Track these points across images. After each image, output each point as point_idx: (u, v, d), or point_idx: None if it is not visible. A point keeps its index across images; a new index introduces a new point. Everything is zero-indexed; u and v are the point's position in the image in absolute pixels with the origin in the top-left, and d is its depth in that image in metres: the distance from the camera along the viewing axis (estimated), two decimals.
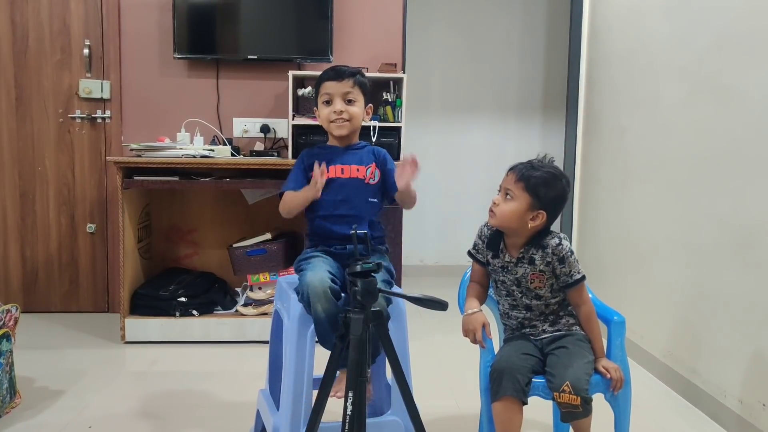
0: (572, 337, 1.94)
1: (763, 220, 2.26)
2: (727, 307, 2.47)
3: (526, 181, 1.90)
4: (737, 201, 2.42)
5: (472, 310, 1.96)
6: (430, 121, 5.04)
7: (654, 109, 3.07)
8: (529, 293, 1.96)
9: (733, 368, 2.44)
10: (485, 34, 5.03)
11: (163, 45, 3.73)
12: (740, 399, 2.38)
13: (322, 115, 2.09)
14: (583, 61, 3.99)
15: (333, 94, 2.05)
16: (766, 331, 2.25)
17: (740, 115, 2.41)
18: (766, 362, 2.25)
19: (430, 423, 1.99)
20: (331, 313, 1.84)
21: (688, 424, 2.52)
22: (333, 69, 2.09)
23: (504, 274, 1.99)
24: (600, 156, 3.73)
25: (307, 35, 3.69)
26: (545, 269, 1.92)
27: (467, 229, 5.17)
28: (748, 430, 2.31)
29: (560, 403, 1.77)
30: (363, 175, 2.07)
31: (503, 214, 1.92)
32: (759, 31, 2.32)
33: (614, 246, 3.46)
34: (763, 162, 2.27)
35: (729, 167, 2.47)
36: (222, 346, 3.30)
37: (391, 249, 2.28)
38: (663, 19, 3.01)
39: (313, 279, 1.86)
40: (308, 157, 2.11)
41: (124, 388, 2.78)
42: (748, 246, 2.35)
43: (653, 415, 2.55)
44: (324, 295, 1.83)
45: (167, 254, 3.78)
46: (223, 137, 3.71)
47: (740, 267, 2.39)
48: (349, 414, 1.49)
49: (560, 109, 4.91)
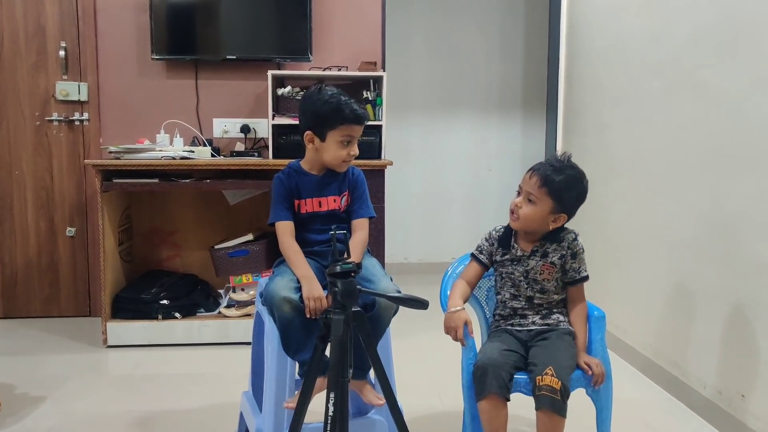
0: (558, 331, 1.97)
1: (742, 214, 2.29)
2: (707, 301, 2.50)
3: (549, 186, 1.91)
4: (716, 196, 2.44)
5: (456, 308, 1.97)
6: (411, 119, 5.04)
7: (633, 105, 3.10)
8: (536, 285, 1.99)
9: (712, 360, 2.47)
10: (465, 32, 5.05)
11: (140, 46, 3.70)
12: (719, 390, 2.41)
13: (335, 153, 1.99)
14: (562, 58, 4.01)
15: (354, 137, 2.01)
16: (744, 324, 2.28)
17: (717, 110, 2.44)
18: (743, 354, 2.28)
19: (413, 421, 1.99)
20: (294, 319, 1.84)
21: (669, 416, 2.55)
22: (355, 113, 1.98)
23: (513, 266, 2.01)
24: (580, 152, 3.75)
25: (287, 35, 3.68)
26: (557, 262, 1.98)
27: (450, 226, 5.22)
28: (727, 420, 2.35)
29: (540, 386, 1.77)
30: (339, 205, 2.07)
31: (526, 217, 1.95)
32: (734, 27, 2.34)
33: (595, 241, 3.49)
34: (741, 156, 2.30)
35: (708, 162, 2.50)
36: (205, 348, 3.28)
37: (374, 247, 2.28)
38: (640, 16, 3.03)
39: (276, 286, 1.87)
40: (287, 180, 2.05)
41: (107, 392, 2.76)
42: (726, 240, 2.37)
43: (635, 408, 2.58)
44: (285, 301, 1.83)
45: (149, 257, 3.75)
46: (203, 138, 3.69)
47: (719, 261, 2.42)
48: (331, 414, 1.49)
49: (540, 105, 4.95)
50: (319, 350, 1.59)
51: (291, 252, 1.99)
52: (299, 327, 1.86)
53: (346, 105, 1.96)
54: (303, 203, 2.04)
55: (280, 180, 2.06)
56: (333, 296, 1.52)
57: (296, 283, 1.90)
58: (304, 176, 2.06)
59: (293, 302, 1.85)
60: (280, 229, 2.03)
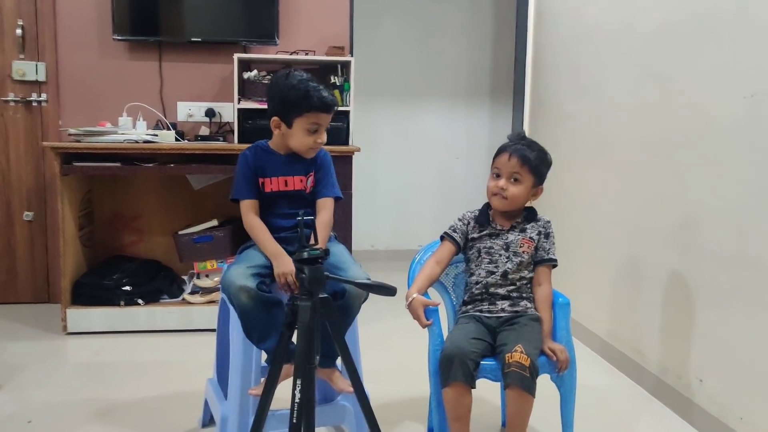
0: (526, 317, 2.00)
1: (703, 203, 2.33)
2: (667, 287, 2.54)
3: (529, 164, 2.02)
4: (678, 184, 2.48)
5: (411, 297, 1.98)
6: (379, 105, 5.02)
7: (599, 96, 3.13)
8: (515, 258, 2.03)
9: (672, 346, 2.52)
10: (433, 19, 5.03)
11: (101, 26, 3.60)
12: (679, 375, 2.46)
13: (301, 140, 1.96)
14: (529, 47, 4.02)
15: (322, 125, 1.97)
16: (703, 310, 2.33)
17: (681, 101, 2.47)
18: (703, 340, 2.33)
19: (379, 407, 2.00)
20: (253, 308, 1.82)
21: (630, 401, 2.60)
22: (323, 100, 1.93)
23: (492, 240, 2.05)
24: (546, 141, 3.75)
25: (253, 18, 3.62)
26: (535, 237, 2.07)
27: (418, 213, 5.23)
28: (687, 405, 2.40)
29: (510, 363, 1.79)
30: (304, 185, 2.04)
31: (515, 197, 2.02)
32: (699, 19, 2.37)
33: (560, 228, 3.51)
34: (703, 147, 2.34)
35: (671, 152, 2.54)
36: (169, 335, 3.23)
37: (341, 234, 2.27)
38: (608, 7, 3.06)
39: (232, 275, 1.86)
40: (253, 158, 2.02)
41: (66, 380, 2.70)
42: (687, 228, 2.42)
43: (597, 394, 2.62)
44: (241, 290, 1.82)
45: (110, 242, 3.67)
46: (167, 122, 3.62)
47: (680, 248, 2.46)
48: (297, 401, 1.47)
49: (508, 94, 4.96)
50: (285, 337, 1.58)
51: (257, 230, 1.97)
52: (259, 315, 1.84)
53: (314, 91, 1.92)
54: (268, 181, 2.01)
55: (246, 157, 2.02)
56: (300, 283, 1.51)
57: (254, 270, 1.88)
58: (271, 155, 2.03)
59: (251, 291, 1.82)
60: (245, 208, 2.00)
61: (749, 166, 2.10)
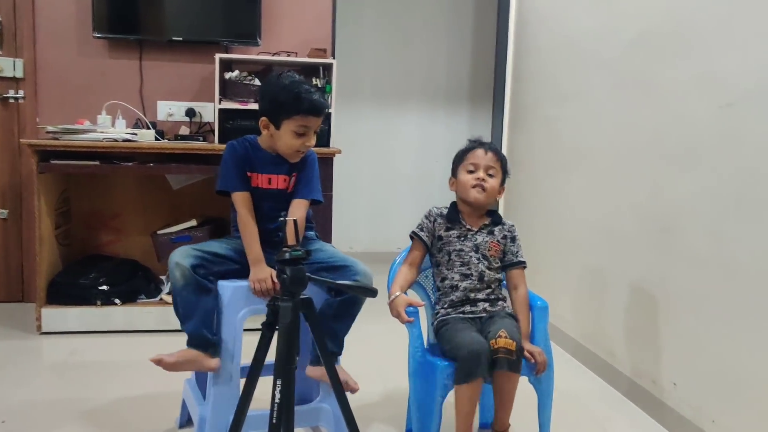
0: (504, 313, 2.05)
1: (679, 209, 2.37)
2: (643, 292, 2.58)
3: (502, 159, 2.15)
4: (656, 190, 2.52)
5: (394, 295, 2.02)
6: (360, 107, 5.03)
7: (579, 101, 3.17)
8: (486, 260, 2.07)
9: (646, 350, 2.56)
10: (414, 23, 5.06)
11: (81, 23, 3.57)
12: (653, 379, 2.50)
13: (288, 142, 1.94)
14: (510, 53, 4.06)
15: (311, 128, 1.94)
16: (677, 315, 2.37)
17: (660, 107, 2.52)
18: (677, 343, 2.37)
19: (358, 408, 2.00)
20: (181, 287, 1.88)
21: (605, 404, 2.63)
22: (314, 103, 1.91)
23: (462, 242, 2.08)
24: (526, 146, 3.82)
25: (235, 18, 3.61)
26: (501, 241, 2.12)
27: (397, 215, 5.24)
28: (660, 409, 2.44)
29: (497, 349, 1.83)
30: (287, 184, 2.04)
31: (493, 189, 2.11)
32: (678, 27, 2.42)
33: (539, 233, 3.56)
34: (681, 153, 2.38)
35: (649, 158, 2.58)
36: (146, 335, 3.21)
37: (321, 235, 2.27)
38: (588, 12, 3.10)
39: (176, 252, 1.92)
40: (241, 148, 2.01)
41: (41, 380, 2.67)
42: (664, 233, 2.46)
43: (573, 396, 2.65)
44: (177, 266, 1.87)
45: (88, 241, 3.63)
46: (147, 121, 3.59)
47: (656, 253, 2.50)
48: (277, 402, 1.48)
49: (487, 99, 5.00)
50: (266, 338, 1.58)
51: (248, 230, 1.97)
52: (187, 295, 1.89)
53: (306, 93, 1.89)
54: (254, 176, 2.00)
55: (234, 147, 2.00)
56: (282, 283, 1.51)
57: (198, 253, 1.92)
58: (258, 151, 2.02)
59: (184, 270, 1.87)
60: (239, 200, 1.98)
61: (724, 174, 2.14)
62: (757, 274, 1.99)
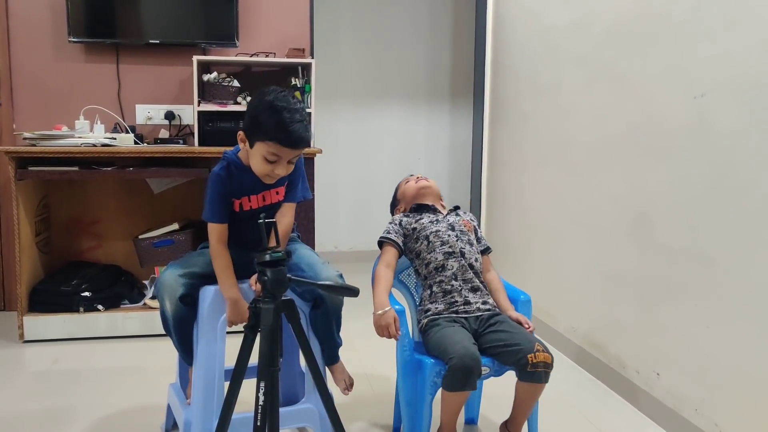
0: (501, 316, 2.06)
1: (655, 201, 2.40)
2: (624, 284, 2.61)
3: None
4: (631, 183, 2.55)
5: (383, 309, 1.96)
6: (340, 107, 5.03)
7: (555, 95, 3.19)
8: (464, 236, 2.15)
9: (630, 341, 2.58)
10: (393, 21, 5.06)
11: (56, 27, 3.54)
12: (637, 370, 2.53)
13: (258, 165, 1.82)
14: (488, 48, 4.08)
15: (282, 158, 1.80)
16: (658, 306, 2.39)
17: (633, 101, 2.54)
18: (658, 335, 2.40)
19: (344, 409, 2.00)
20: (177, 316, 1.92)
21: (591, 396, 2.65)
22: (290, 136, 1.76)
23: (436, 224, 2.16)
24: (505, 141, 3.84)
25: (212, 19, 3.59)
26: (471, 222, 2.25)
27: (380, 214, 5.20)
28: (645, 398, 2.47)
29: (536, 363, 1.86)
30: (281, 195, 2.01)
31: (431, 181, 2.35)
32: (650, 20, 2.44)
33: (521, 228, 3.58)
34: (654, 145, 2.40)
35: (625, 151, 2.60)
36: (130, 340, 3.19)
37: (304, 235, 2.27)
38: (563, 8, 3.12)
39: (167, 277, 1.91)
40: (228, 180, 1.90)
41: (24, 389, 2.64)
42: (641, 226, 2.48)
43: (559, 389, 2.66)
44: (168, 298, 1.90)
45: (69, 248, 3.60)
46: (126, 125, 3.56)
47: (635, 245, 2.53)
48: (261, 404, 1.48)
49: (468, 95, 5.02)
50: (248, 340, 1.58)
51: (221, 264, 1.90)
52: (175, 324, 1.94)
53: (288, 122, 1.74)
54: (246, 200, 1.93)
55: (221, 179, 1.89)
56: (263, 285, 1.51)
57: (186, 278, 1.91)
58: (245, 173, 1.90)
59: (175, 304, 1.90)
60: (215, 234, 1.90)
61: (699, 164, 2.17)
62: (731, 263, 2.02)
